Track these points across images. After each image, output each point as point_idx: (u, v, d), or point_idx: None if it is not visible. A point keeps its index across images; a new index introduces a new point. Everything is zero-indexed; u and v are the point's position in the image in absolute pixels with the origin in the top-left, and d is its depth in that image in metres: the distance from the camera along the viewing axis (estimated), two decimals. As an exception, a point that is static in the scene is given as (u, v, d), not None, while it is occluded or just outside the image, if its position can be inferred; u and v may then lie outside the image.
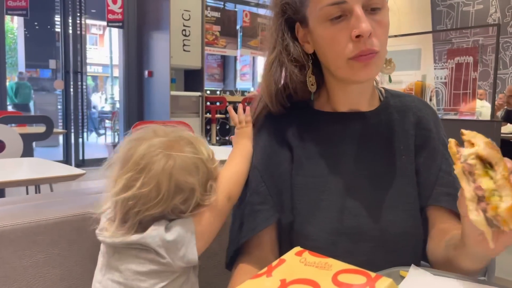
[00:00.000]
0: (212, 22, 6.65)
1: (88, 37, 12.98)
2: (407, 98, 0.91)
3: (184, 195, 0.68)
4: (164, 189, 0.66)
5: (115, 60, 10.27)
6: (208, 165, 0.72)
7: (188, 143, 0.71)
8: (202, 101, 5.86)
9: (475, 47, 6.56)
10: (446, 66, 4.64)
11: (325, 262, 0.53)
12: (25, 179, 1.71)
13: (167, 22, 5.46)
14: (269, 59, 0.87)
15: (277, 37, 0.86)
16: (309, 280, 0.50)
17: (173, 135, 0.72)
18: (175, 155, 0.68)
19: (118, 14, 5.87)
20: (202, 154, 0.72)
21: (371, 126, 0.86)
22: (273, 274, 0.53)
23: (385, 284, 0.48)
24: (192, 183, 0.68)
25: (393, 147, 0.85)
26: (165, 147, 0.68)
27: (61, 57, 6.06)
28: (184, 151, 0.69)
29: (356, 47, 0.74)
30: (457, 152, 0.56)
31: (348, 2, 0.73)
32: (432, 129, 0.87)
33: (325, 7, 0.75)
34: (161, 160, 0.67)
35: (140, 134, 0.72)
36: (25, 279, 0.82)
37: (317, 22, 0.78)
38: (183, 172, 0.68)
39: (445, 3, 7.52)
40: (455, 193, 0.72)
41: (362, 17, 0.73)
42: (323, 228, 0.79)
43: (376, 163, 0.84)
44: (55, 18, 6.32)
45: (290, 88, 0.86)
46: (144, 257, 0.66)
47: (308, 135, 0.87)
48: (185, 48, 5.71)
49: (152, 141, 0.69)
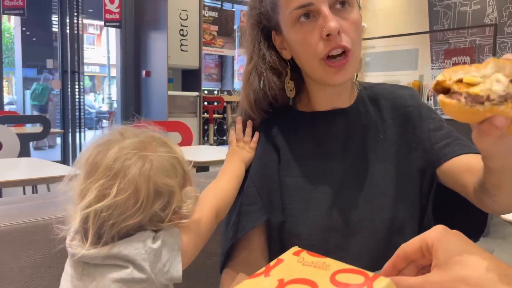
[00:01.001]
0: (209, 22, 6.65)
1: (86, 37, 12.96)
2: (378, 86, 0.94)
3: (163, 199, 0.62)
4: (143, 195, 0.59)
5: (113, 60, 10.25)
6: (184, 166, 0.66)
7: (161, 143, 0.65)
8: (200, 101, 5.85)
9: (472, 47, 6.57)
10: (443, 66, 4.65)
11: (323, 262, 0.53)
12: (22, 179, 1.71)
13: (164, 22, 5.45)
14: (247, 69, 0.89)
15: (253, 47, 0.89)
16: (307, 280, 0.50)
17: (143, 135, 0.65)
18: (151, 156, 0.61)
19: (116, 14, 5.86)
20: (177, 153, 0.66)
21: (353, 120, 0.87)
22: (271, 274, 0.53)
23: (383, 284, 0.48)
24: (172, 185, 0.62)
25: (374, 136, 0.87)
26: (139, 149, 0.62)
27: (59, 57, 6.04)
28: (159, 151, 0.63)
29: (326, 45, 0.76)
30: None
31: (315, 3, 0.75)
32: (408, 102, 0.89)
33: (293, 11, 0.77)
34: (137, 163, 0.60)
35: (106, 137, 0.64)
36: (22, 280, 0.81)
37: (288, 26, 0.80)
38: (161, 174, 0.61)
39: (442, 3, 7.54)
40: (452, 141, 0.77)
41: (329, 16, 0.75)
42: (314, 226, 0.80)
43: (361, 155, 0.85)
44: (53, 17, 6.30)
45: (269, 95, 0.88)
46: (120, 276, 0.59)
47: (294, 137, 0.88)
48: (183, 48, 5.70)
49: (122, 143, 0.62)
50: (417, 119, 0.87)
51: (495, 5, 6.98)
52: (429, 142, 0.85)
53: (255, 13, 0.87)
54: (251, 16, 0.88)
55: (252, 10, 0.88)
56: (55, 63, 6.18)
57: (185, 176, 0.66)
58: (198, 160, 2.27)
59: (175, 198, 0.63)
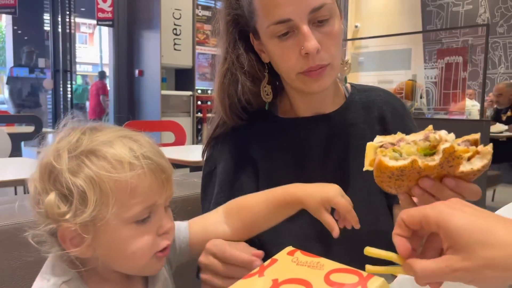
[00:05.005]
0: (203, 21, 6.62)
1: (78, 36, 12.87)
2: (373, 92, 0.91)
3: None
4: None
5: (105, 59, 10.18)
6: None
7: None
8: (193, 101, 5.83)
9: (465, 47, 6.61)
10: (436, 66, 4.68)
11: (317, 262, 0.53)
12: (13, 179, 1.69)
13: (157, 21, 5.43)
14: (221, 70, 0.85)
15: (228, 47, 0.84)
16: (301, 280, 0.50)
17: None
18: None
19: (108, 13, 5.82)
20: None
21: (336, 127, 0.86)
22: (265, 274, 0.52)
23: (377, 283, 0.48)
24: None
25: (359, 144, 0.84)
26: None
27: (51, 56, 5.99)
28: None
29: (305, 63, 0.75)
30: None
31: (294, 19, 0.72)
32: (397, 124, 0.87)
33: (271, 26, 0.74)
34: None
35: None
36: (14, 281, 0.80)
37: (266, 37, 0.78)
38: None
39: (435, 3, 7.58)
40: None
41: (308, 35, 0.72)
42: (295, 235, 0.79)
43: (344, 163, 0.84)
44: (44, 16, 6.25)
45: (242, 100, 0.85)
46: None
47: (273, 145, 0.86)
48: (176, 47, 5.68)
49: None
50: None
51: (487, 5, 7.02)
52: None
53: (232, 12, 0.84)
54: (228, 13, 0.84)
55: (228, 9, 0.84)
56: (47, 62, 6.13)
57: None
58: (191, 159, 2.25)
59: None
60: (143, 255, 0.59)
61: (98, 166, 0.56)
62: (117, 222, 0.57)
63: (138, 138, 0.61)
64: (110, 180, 0.55)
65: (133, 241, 0.58)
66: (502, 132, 4.53)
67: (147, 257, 0.60)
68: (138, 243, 0.58)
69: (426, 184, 0.55)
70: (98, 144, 0.58)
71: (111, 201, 0.55)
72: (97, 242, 0.58)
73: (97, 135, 0.59)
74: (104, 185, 0.55)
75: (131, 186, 0.56)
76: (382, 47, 5.18)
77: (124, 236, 0.58)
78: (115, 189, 0.56)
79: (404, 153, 0.55)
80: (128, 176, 0.56)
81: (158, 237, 0.60)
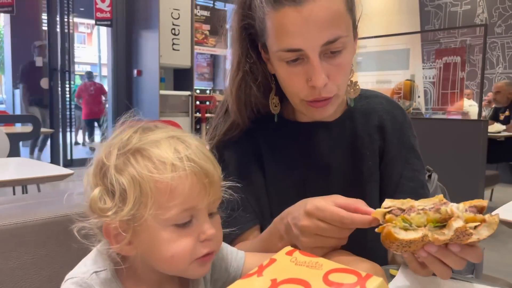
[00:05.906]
0: (201, 21, 6.62)
1: (76, 36, 12.85)
2: (375, 99, 0.90)
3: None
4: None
5: (104, 59, 10.18)
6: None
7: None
8: (192, 101, 5.83)
9: (463, 47, 6.63)
10: (434, 66, 4.68)
11: (315, 262, 0.53)
12: (11, 179, 1.69)
13: (156, 21, 5.43)
14: (237, 79, 0.84)
15: (241, 55, 0.83)
16: (300, 280, 0.50)
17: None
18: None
19: (107, 13, 5.81)
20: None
21: (337, 136, 0.86)
22: (264, 274, 0.52)
23: (376, 283, 0.48)
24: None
25: (359, 153, 0.85)
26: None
27: (48, 55, 5.98)
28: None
29: (311, 94, 0.74)
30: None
31: (305, 50, 0.70)
32: (396, 134, 0.87)
33: (281, 52, 0.73)
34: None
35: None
36: (12, 281, 0.80)
37: (274, 58, 0.76)
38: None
39: (433, 4, 7.59)
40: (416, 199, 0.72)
41: (317, 69, 0.71)
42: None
43: (345, 171, 0.85)
44: (43, 16, 6.23)
45: (254, 109, 0.86)
46: None
47: (277, 148, 0.88)
48: (175, 47, 5.67)
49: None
50: (393, 158, 0.86)
51: (485, 5, 7.04)
52: (395, 187, 0.85)
53: (246, 20, 0.81)
54: (241, 19, 0.82)
55: (241, 15, 0.82)
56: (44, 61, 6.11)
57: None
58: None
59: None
60: (181, 259, 0.58)
61: (141, 165, 0.56)
62: (156, 223, 0.56)
63: (187, 140, 0.60)
64: (151, 180, 0.55)
65: (171, 245, 0.57)
66: (500, 132, 4.54)
67: (186, 262, 0.58)
68: (177, 247, 0.57)
69: (432, 249, 0.57)
70: (146, 144, 0.58)
71: (150, 202, 0.55)
72: (137, 241, 0.58)
73: (148, 134, 0.60)
74: (145, 185, 0.55)
75: (170, 188, 0.55)
76: (380, 47, 5.18)
77: (162, 238, 0.57)
78: (155, 190, 0.55)
79: (414, 224, 0.58)
80: (169, 177, 0.55)
81: (200, 243, 0.59)
